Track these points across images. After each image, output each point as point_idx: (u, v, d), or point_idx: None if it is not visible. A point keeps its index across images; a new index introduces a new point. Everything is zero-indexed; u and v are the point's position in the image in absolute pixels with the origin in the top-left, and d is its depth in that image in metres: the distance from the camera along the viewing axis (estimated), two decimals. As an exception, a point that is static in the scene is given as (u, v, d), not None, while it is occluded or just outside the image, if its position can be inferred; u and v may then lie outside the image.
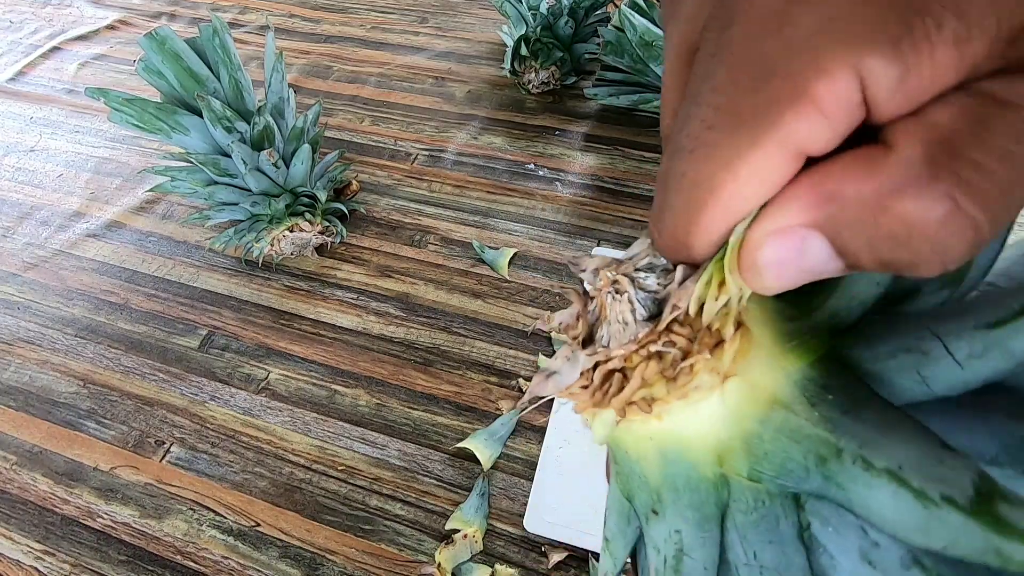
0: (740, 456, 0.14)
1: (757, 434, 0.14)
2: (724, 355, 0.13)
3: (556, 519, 0.41)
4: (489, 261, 0.57)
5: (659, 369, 0.14)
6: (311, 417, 0.47)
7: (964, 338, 0.12)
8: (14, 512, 0.44)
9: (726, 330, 0.13)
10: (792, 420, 0.13)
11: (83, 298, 0.57)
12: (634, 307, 0.14)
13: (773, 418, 0.13)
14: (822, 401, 0.13)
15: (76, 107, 0.77)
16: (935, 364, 0.13)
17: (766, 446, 0.13)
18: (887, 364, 0.13)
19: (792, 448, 0.13)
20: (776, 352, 0.14)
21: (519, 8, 0.70)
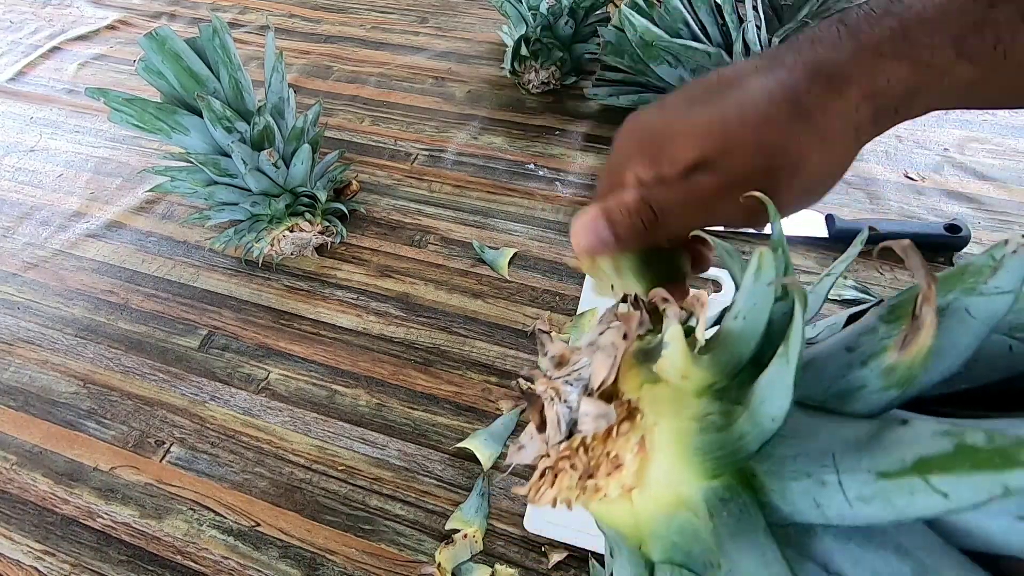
0: (652, 543, 0.16)
1: (665, 528, 0.16)
2: (623, 475, 0.16)
3: (556, 519, 0.41)
4: (489, 261, 0.57)
5: (572, 479, 0.16)
6: (311, 417, 0.47)
7: (858, 477, 0.13)
8: (14, 512, 0.44)
9: (625, 455, 0.16)
10: (694, 522, 0.15)
11: (83, 298, 0.57)
12: (559, 419, 0.16)
13: (678, 517, 0.15)
14: (718, 515, 0.15)
15: (76, 107, 0.77)
16: (829, 496, 0.13)
17: (673, 538, 0.16)
18: (789, 485, 0.14)
19: (693, 544, 0.15)
20: (686, 465, 0.15)
21: (519, 8, 0.70)
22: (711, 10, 0.59)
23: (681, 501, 0.15)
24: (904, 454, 0.12)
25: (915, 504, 0.12)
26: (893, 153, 0.65)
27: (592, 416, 0.16)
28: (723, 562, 0.14)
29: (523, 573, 0.40)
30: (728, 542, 0.14)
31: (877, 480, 0.12)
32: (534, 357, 0.50)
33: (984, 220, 0.57)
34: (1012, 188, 0.60)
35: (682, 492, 0.15)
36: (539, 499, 0.17)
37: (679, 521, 0.15)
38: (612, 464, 0.16)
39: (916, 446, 0.12)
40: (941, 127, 0.67)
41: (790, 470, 0.14)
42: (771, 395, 0.14)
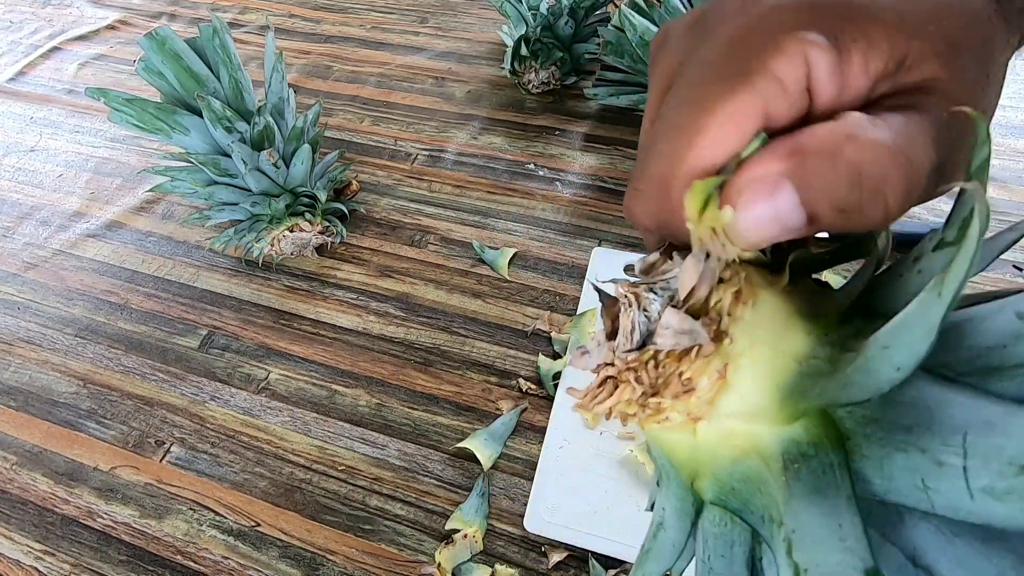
0: (708, 483, 0.15)
1: (727, 471, 0.14)
2: (691, 402, 0.14)
3: (556, 519, 0.41)
4: (489, 261, 0.57)
5: (633, 396, 0.15)
6: (311, 417, 0.47)
7: (992, 467, 0.10)
8: (14, 512, 0.44)
9: (699, 380, 0.14)
10: (763, 473, 0.13)
11: (83, 298, 0.57)
12: (633, 327, 0.15)
13: (746, 464, 0.14)
14: (794, 469, 0.13)
15: (76, 107, 0.77)
16: (944, 480, 0.11)
17: (734, 484, 0.14)
18: (893, 456, 0.12)
19: (756, 496, 0.14)
20: (770, 406, 0.13)
21: (519, 8, 0.70)
22: (711, 10, 0.59)
23: (753, 446, 0.13)
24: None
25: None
26: (893, 153, 0.65)
27: (673, 330, 0.14)
28: (787, 520, 0.12)
29: (523, 573, 0.40)
30: (799, 501, 0.12)
31: (1019, 475, 0.10)
32: (534, 357, 0.50)
33: (984, 220, 0.57)
34: (1012, 188, 0.60)
35: (757, 436, 0.13)
36: (593, 406, 0.15)
37: (745, 467, 0.14)
38: (682, 387, 0.14)
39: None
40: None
41: (899, 440, 0.12)
42: (903, 337, 0.11)
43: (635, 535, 0.40)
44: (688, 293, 0.14)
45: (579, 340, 0.49)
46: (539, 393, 0.48)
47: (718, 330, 0.14)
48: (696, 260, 0.14)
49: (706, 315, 0.14)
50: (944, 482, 0.11)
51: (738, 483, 0.14)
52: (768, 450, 0.13)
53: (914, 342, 0.11)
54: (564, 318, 0.52)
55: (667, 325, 0.14)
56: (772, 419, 0.13)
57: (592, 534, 0.40)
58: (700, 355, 0.14)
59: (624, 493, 0.42)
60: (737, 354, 0.14)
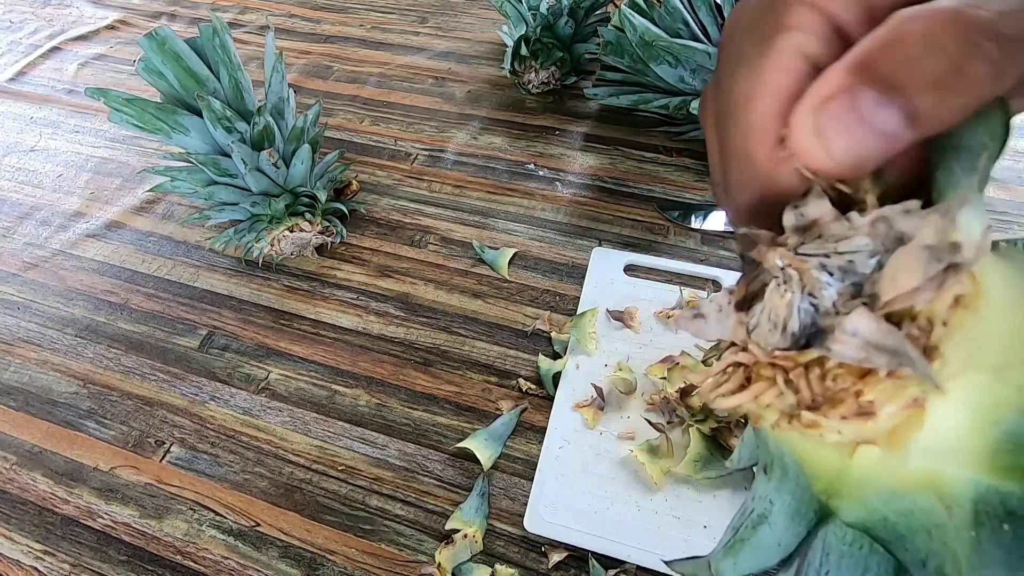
0: (851, 506, 0.12)
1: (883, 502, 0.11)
2: (865, 429, 0.11)
3: (556, 519, 0.41)
4: (489, 261, 0.57)
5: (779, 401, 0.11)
6: (311, 417, 0.47)
7: None
8: (14, 512, 0.44)
9: (884, 407, 0.10)
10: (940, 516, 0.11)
11: (83, 298, 0.57)
12: (789, 317, 0.11)
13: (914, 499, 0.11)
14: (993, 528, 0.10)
15: (76, 107, 0.77)
16: None
17: (889, 515, 0.11)
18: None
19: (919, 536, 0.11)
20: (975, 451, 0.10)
21: (519, 8, 0.70)
22: (711, 10, 0.59)
23: (931, 483, 0.11)
24: None
25: None
26: (893, 153, 0.65)
27: (863, 341, 0.10)
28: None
29: (523, 573, 0.40)
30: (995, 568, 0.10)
31: None
32: (534, 357, 0.50)
33: (984, 220, 0.57)
34: (1012, 188, 0.60)
35: (944, 479, 0.11)
36: (716, 399, 0.12)
37: (914, 504, 0.11)
38: (857, 410, 0.11)
39: None
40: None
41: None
42: None
43: (635, 535, 0.40)
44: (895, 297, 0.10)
45: (579, 340, 0.49)
46: (539, 393, 0.48)
47: (926, 346, 0.10)
48: (924, 252, 0.10)
49: (912, 321, 0.10)
50: None
51: (896, 516, 0.11)
52: (953, 492, 0.11)
53: None
54: (564, 318, 0.52)
55: (855, 331, 0.10)
56: (974, 466, 0.10)
57: (592, 534, 0.40)
58: (893, 375, 0.10)
59: (624, 493, 0.42)
60: (946, 379, 0.10)
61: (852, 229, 0.11)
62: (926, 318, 0.10)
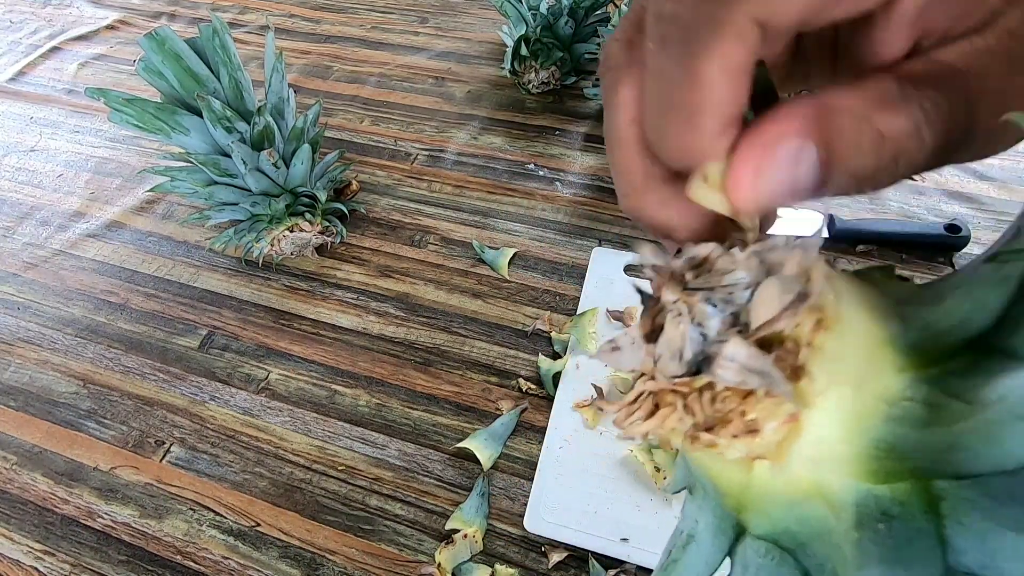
0: (757, 519, 0.13)
1: (783, 512, 0.12)
2: (755, 443, 0.12)
3: (556, 519, 0.41)
4: (489, 261, 0.57)
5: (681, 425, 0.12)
6: (311, 417, 0.47)
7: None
8: (14, 512, 0.44)
9: (766, 423, 0.12)
10: (830, 522, 0.12)
11: (83, 298, 0.57)
12: (683, 342, 0.12)
13: (808, 508, 0.12)
14: (873, 529, 0.11)
15: (76, 107, 0.77)
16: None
17: (790, 525, 0.12)
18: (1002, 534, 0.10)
19: (816, 542, 0.12)
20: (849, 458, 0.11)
21: (519, 8, 0.70)
22: (711, 10, 0.59)
23: (820, 491, 0.12)
24: None
25: None
26: (893, 153, 0.65)
27: (740, 366, 0.11)
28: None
29: (523, 573, 0.40)
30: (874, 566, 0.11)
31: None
32: (534, 357, 0.50)
33: (984, 220, 0.57)
34: (1012, 188, 0.60)
35: (828, 486, 0.12)
36: (628, 427, 0.13)
37: (807, 511, 0.12)
38: (744, 428, 0.12)
39: None
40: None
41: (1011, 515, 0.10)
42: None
43: (635, 535, 0.40)
44: (763, 324, 0.11)
45: (579, 340, 0.49)
46: (539, 393, 0.48)
47: (794, 366, 0.11)
48: (779, 283, 0.11)
49: (780, 346, 0.12)
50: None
51: (795, 525, 0.12)
52: (838, 498, 0.11)
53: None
54: (564, 318, 0.52)
55: (732, 358, 0.11)
56: (853, 472, 0.11)
57: (592, 534, 0.40)
58: (769, 395, 0.12)
59: (624, 493, 0.42)
60: (814, 394, 0.11)
61: (733, 263, 0.12)
62: (793, 341, 0.12)
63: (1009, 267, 0.11)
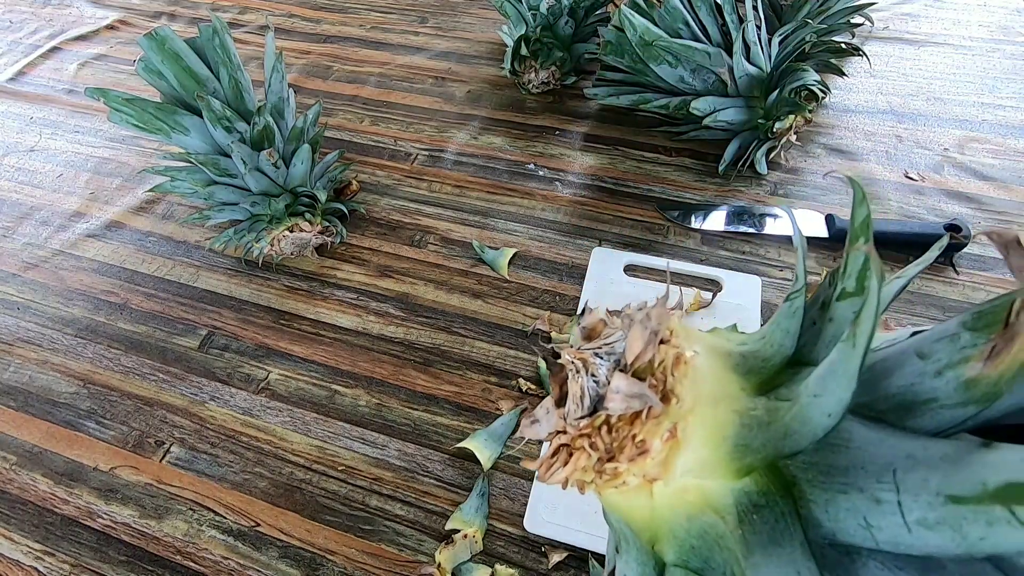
0: (667, 544, 0.15)
1: (685, 529, 0.14)
2: (647, 464, 0.14)
3: (556, 519, 0.41)
4: (489, 261, 0.57)
5: (590, 462, 0.15)
6: (311, 417, 0.47)
7: (923, 499, 0.11)
8: (14, 512, 0.44)
9: (652, 441, 0.14)
10: (720, 528, 0.14)
11: (83, 298, 0.57)
12: (583, 393, 0.15)
13: (702, 520, 0.14)
14: (749, 522, 0.13)
15: (76, 107, 0.77)
16: (883, 517, 0.12)
17: (692, 541, 0.14)
18: (836, 498, 0.13)
19: (715, 551, 0.14)
20: (718, 461, 0.14)
21: (519, 8, 0.70)
22: (711, 10, 0.59)
23: (707, 502, 0.14)
24: (986, 478, 0.10)
25: (991, 537, 0.10)
26: (893, 153, 0.65)
27: (623, 394, 0.14)
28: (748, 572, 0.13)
29: (523, 573, 0.40)
30: (756, 553, 0.13)
31: (946, 504, 0.11)
32: (534, 357, 0.50)
33: (984, 220, 0.57)
34: (1012, 188, 0.60)
35: (710, 492, 0.14)
36: (550, 477, 0.15)
37: (702, 524, 0.14)
38: (637, 449, 0.14)
39: (1003, 471, 0.10)
40: (941, 127, 0.67)
41: (839, 482, 0.13)
42: (829, 386, 0.12)
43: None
44: (634, 358, 0.15)
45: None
46: (539, 393, 0.48)
47: (665, 390, 0.14)
48: (642, 327, 0.15)
49: (652, 376, 0.15)
50: (883, 519, 0.12)
51: (696, 540, 0.14)
52: (721, 503, 0.14)
53: (839, 389, 0.12)
54: (564, 318, 0.52)
55: (617, 389, 0.14)
56: (723, 473, 0.14)
57: (592, 534, 0.40)
58: (651, 417, 0.14)
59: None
60: (684, 412, 0.14)
61: (612, 327, 0.16)
62: (660, 371, 0.15)
63: (796, 302, 0.15)
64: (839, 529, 0.12)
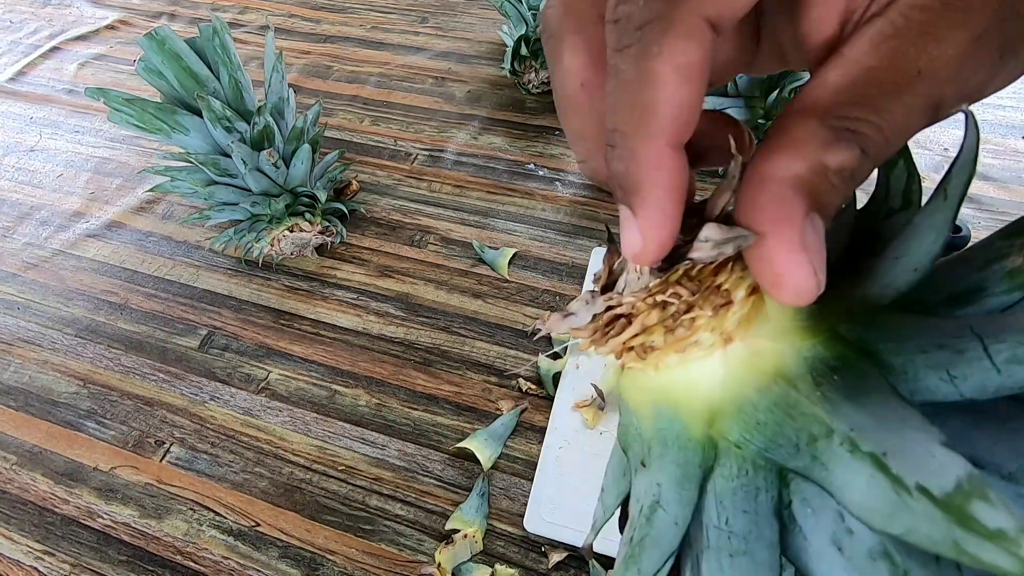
0: (731, 421, 0.14)
1: (753, 402, 0.14)
2: (728, 317, 0.13)
3: (556, 519, 0.41)
4: (489, 261, 0.57)
5: (661, 318, 0.14)
6: (311, 417, 0.47)
7: (1008, 341, 0.11)
8: (14, 512, 0.44)
9: (736, 292, 0.13)
10: (792, 396, 0.13)
11: (83, 298, 0.57)
12: None
13: (773, 390, 0.13)
14: (828, 383, 0.13)
15: (76, 107, 0.77)
16: (968, 364, 0.12)
17: (760, 416, 0.13)
18: (914, 358, 0.12)
19: (786, 423, 0.13)
20: (790, 325, 0.14)
21: (519, 8, 0.70)
22: (711, 10, 0.59)
23: (779, 370, 0.13)
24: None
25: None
26: (893, 153, 0.65)
27: (714, 242, 0.13)
28: (838, 426, 0.12)
29: (523, 573, 0.40)
30: (845, 405, 0.12)
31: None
32: (534, 357, 0.50)
33: (984, 220, 0.57)
34: (1012, 188, 0.60)
35: (784, 358, 0.13)
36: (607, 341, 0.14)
37: (773, 395, 0.13)
38: (720, 299, 0.13)
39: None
40: (941, 127, 0.67)
41: (914, 345, 0.12)
42: (918, 240, 0.12)
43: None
44: (721, 209, 0.14)
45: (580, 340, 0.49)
46: (539, 393, 0.48)
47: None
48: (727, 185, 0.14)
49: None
50: (969, 367, 0.12)
51: (764, 414, 0.13)
52: (794, 371, 0.13)
53: (928, 242, 0.12)
54: (564, 318, 0.52)
55: (707, 238, 0.13)
56: (802, 335, 0.13)
57: (592, 534, 0.40)
58: (735, 268, 0.14)
59: (624, 493, 0.42)
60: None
61: None
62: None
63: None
64: (919, 388, 0.12)
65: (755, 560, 0.13)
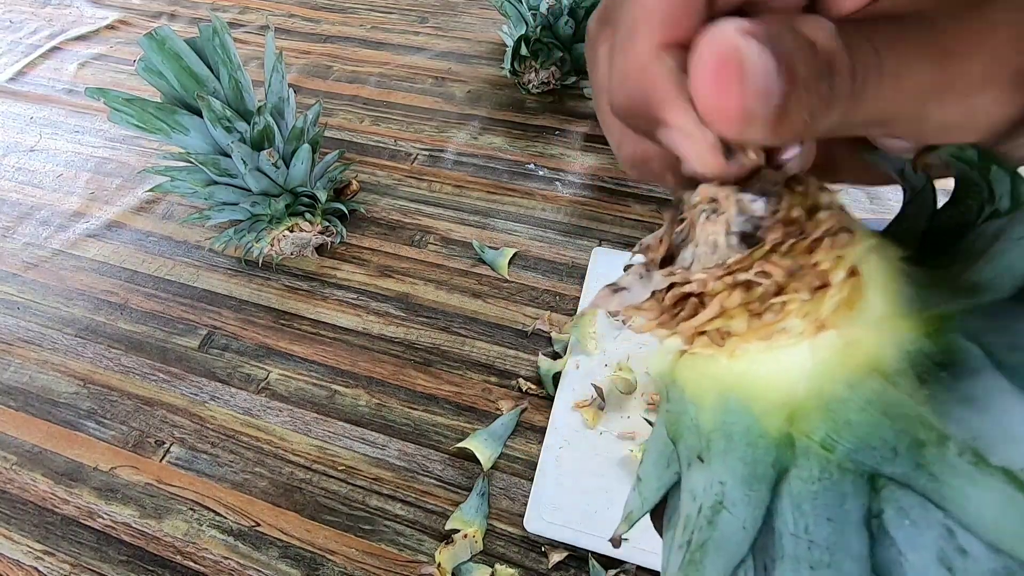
0: (816, 419, 0.12)
1: (843, 399, 0.12)
2: (825, 301, 0.12)
3: (556, 519, 0.41)
4: (489, 261, 0.57)
5: (744, 301, 0.12)
6: (311, 417, 0.47)
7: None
8: (14, 512, 0.44)
9: (835, 273, 0.12)
10: (891, 394, 0.12)
11: (83, 298, 0.57)
12: (729, 228, 0.12)
13: (867, 386, 0.12)
14: (935, 380, 0.11)
15: (76, 107, 0.77)
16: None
17: (851, 415, 0.12)
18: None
19: (883, 424, 0.12)
20: (891, 314, 0.12)
21: (519, 8, 0.70)
22: (711, 10, 0.59)
23: (875, 365, 0.12)
24: None
25: None
26: (893, 153, 0.65)
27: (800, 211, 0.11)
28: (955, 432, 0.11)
29: (523, 573, 0.40)
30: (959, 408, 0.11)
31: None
32: (534, 357, 0.50)
33: (984, 220, 0.57)
34: (1012, 188, 0.60)
35: (880, 352, 0.12)
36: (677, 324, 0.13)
37: (867, 392, 0.12)
38: (818, 279, 0.12)
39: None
40: None
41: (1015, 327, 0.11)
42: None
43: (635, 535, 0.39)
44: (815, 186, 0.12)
45: (580, 340, 0.49)
46: (539, 393, 0.48)
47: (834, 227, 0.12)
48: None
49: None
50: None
51: (857, 414, 0.12)
52: (892, 367, 0.12)
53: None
54: (564, 318, 0.52)
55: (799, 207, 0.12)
56: (905, 325, 0.12)
57: (592, 534, 0.40)
58: (835, 244, 0.12)
59: (624, 493, 0.41)
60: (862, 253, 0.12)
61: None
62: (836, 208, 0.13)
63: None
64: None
65: (840, 573, 0.12)
